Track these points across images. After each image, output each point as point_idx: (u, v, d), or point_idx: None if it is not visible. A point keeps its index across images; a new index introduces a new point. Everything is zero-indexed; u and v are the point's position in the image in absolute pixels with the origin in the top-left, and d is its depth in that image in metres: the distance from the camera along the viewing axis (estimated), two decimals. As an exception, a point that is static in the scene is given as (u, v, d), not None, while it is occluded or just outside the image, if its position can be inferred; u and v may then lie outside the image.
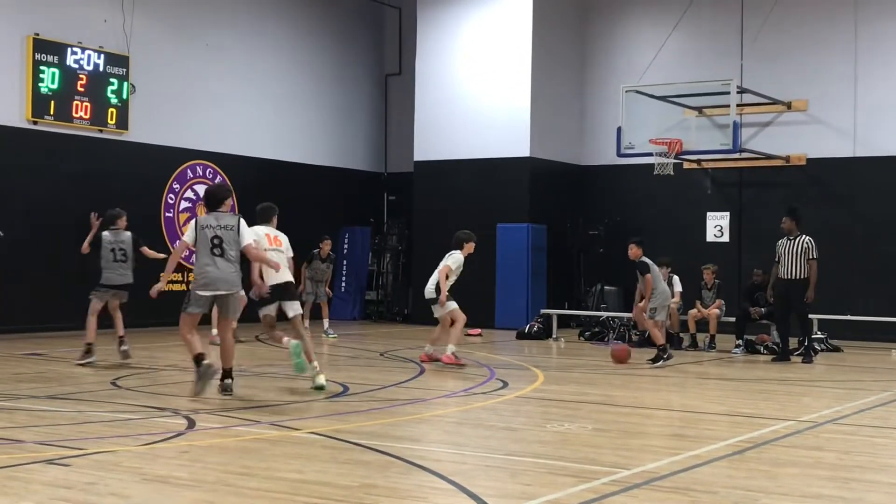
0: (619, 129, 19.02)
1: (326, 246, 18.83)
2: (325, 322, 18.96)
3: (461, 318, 13.92)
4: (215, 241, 10.30)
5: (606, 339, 18.61)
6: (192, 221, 10.61)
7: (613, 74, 22.10)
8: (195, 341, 10.33)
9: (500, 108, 21.83)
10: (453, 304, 13.93)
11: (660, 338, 14.91)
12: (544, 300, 21.28)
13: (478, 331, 19.83)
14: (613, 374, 13.72)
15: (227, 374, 10.47)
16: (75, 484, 6.45)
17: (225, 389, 10.36)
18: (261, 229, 11.28)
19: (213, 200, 10.65)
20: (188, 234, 10.46)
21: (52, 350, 14.53)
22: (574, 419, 9.48)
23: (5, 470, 6.81)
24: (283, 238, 11.53)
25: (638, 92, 19.15)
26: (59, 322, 17.09)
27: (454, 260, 13.91)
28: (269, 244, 11.24)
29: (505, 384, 12.04)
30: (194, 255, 10.45)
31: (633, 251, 15.29)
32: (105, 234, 13.40)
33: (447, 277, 13.84)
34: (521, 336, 19.31)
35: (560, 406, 10.51)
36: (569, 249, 22.25)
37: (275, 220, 11.62)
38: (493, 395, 11.10)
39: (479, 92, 22.10)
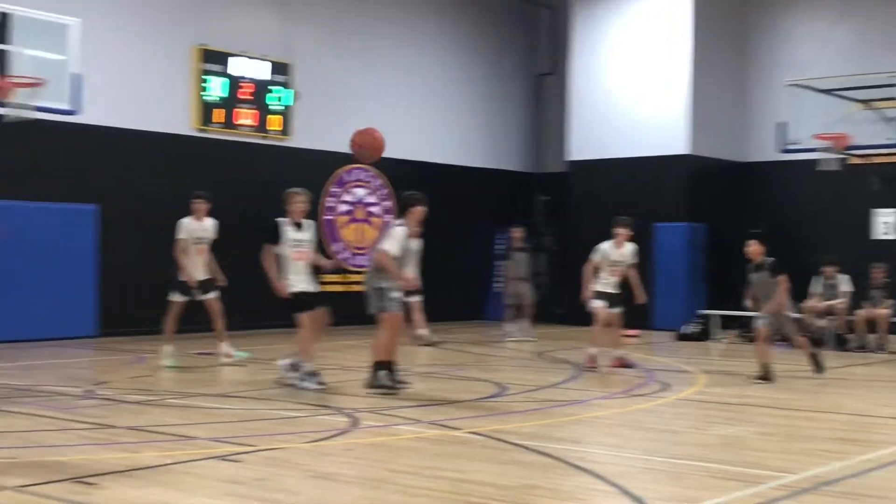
0: (782, 125, 18.53)
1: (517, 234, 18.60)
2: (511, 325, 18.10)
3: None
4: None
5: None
6: (401, 230, 10.87)
7: (776, 68, 21.51)
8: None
9: (657, 106, 21.54)
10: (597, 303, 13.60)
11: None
12: (704, 301, 20.89)
13: (636, 332, 19.60)
14: (777, 376, 13.36)
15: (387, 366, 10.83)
16: (246, 480, 6.68)
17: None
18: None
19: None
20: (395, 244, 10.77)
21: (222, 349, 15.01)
22: (737, 422, 9.29)
23: (179, 465, 7.11)
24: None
25: (802, 86, 18.62)
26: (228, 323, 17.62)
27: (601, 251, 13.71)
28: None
29: (665, 386, 11.88)
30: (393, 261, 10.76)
31: (754, 248, 13.28)
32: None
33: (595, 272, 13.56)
34: (680, 337, 19.02)
35: (722, 409, 10.32)
36: (729, 248, 21.76)
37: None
38: (652, 398, 10.97)
39: (634, 89, 21.85)
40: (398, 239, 10.90)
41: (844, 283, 17.16)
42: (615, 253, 13.73)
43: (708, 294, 21.25)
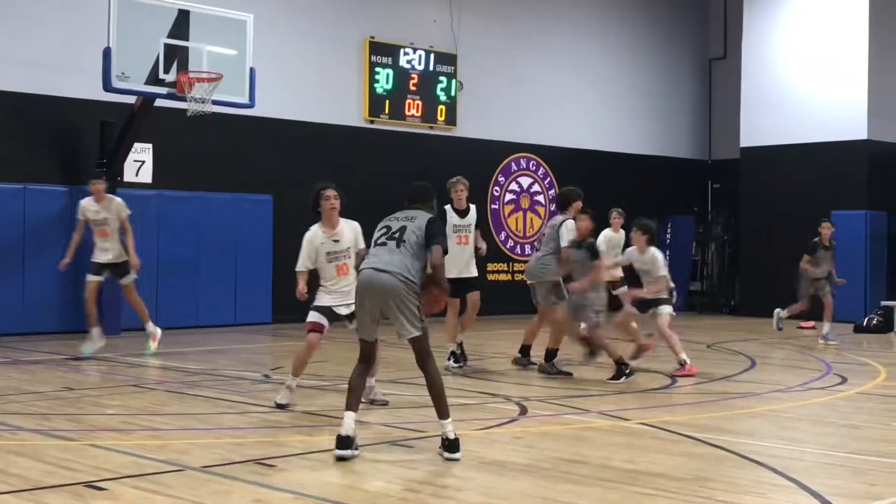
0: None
1: (826, 230, 16.23)
2: (826, 325, 16.19)
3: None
4: None
5: (955, 333, 17.29)
6: (571, 223, 11.18)
7: (961, 48, 20.46)
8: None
9: (833, 90, 20.77)
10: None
11: None
12: (885, 291, 20.04)
13: (811, 323, 18.99)
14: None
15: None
16: (419, 465, 6.78)
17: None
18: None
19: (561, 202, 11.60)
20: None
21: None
22: (922, 418, 8.90)
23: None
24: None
25: None
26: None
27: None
28: None
29: (843, 380, 11.47)
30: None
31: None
32: None
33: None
34: (859, 329, 18.32)
35: (906, 404, 9.91)
36: (911, 237, 20.85)
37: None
38: (831, 391, 10.61)
39: (809, 74, 21.13)
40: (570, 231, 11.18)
41: None
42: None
43: (889, 285, 20.39)
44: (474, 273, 11.78)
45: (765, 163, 21.68)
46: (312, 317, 8.98)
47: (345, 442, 6.87)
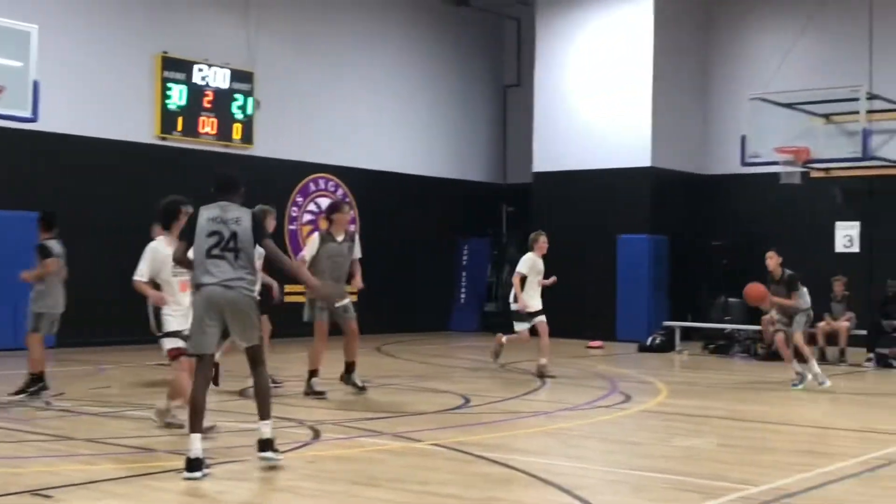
0: (743, 138, 18.63)
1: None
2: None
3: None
4: None
5: (731, 352, 18.23)
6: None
7: (737, 82, 21.67)
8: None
9: (620, 118, 21.63)
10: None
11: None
12: (667, 312, 20.96)
13: (599, 343, 19.67)
14: (739, 389, 13.44)
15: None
16: (206, 493, 6.60)
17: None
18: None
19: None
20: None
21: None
22: (699, 434, 9.32)
23: (139, 479, 7.01)
24: None
25: (763, 100, 18.75)
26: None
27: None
28: None
29: (628, 398, 11.89)
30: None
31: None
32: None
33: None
34: (643, 349, 19.07)
35: (684, 420, 10.35)
36: (691, 261, 21.89)
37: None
38: (615, 409, 10.98)
39: (599, 102, 21.94)
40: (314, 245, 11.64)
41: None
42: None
43: (671, 305, 21.33)
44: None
45: (556, 187, 22.34)
46: (173, 343, 8.60)
47: (194, 464, 6.82)
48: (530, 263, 14.08)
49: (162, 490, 6.67)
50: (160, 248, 8.73)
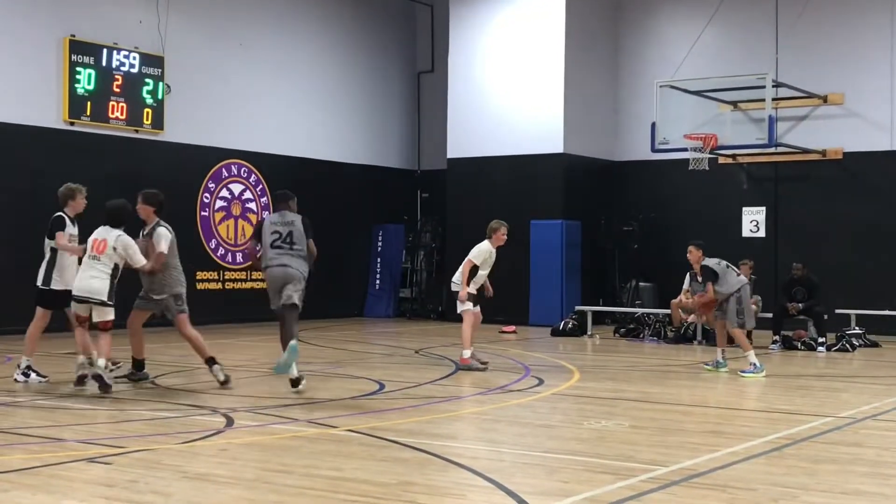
0: (653, 125, 18.95)
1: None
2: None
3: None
4: None
5: (642, 335, 18.54)
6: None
7: (647, 69, 22.00)
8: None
9: (532, 105, 21.80)
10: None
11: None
12: (579, 297, 21.22)
13: (512, 328, 19.85)
14: (649, 372, 13.69)
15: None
16: (117, 482, 6.52)
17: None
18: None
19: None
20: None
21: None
22: (611, 416, 9.46)
23: (48, 468, 6.90)
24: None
25: (672, 87, 19.08)
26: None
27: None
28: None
29: (540, 381, 12.03)
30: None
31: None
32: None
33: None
34: (556, 333, 19.29)
35: (596, 403, 10.50)
36: (603, 246, 22.19)
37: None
38: (528, 393, 11.10)
39: (511, 88, 22.07)
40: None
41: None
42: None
43: (583, 290, 21.60)
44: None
45: (470, 173, 22.45)
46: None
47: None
48: (486, 255, 13.17)
49: (73, 480, 6.58)
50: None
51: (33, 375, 11.21)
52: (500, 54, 22.30)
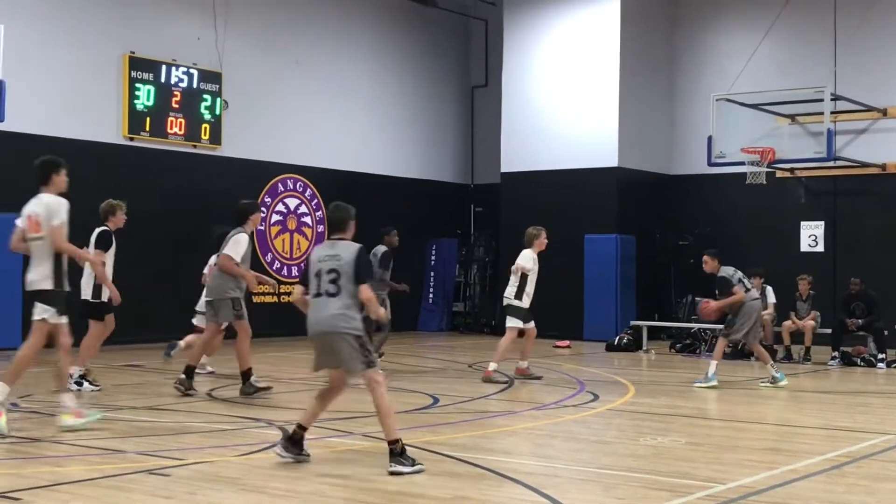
0: (709, 138, 18.81)
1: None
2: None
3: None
4: None
5: (698, 351, 18.38)
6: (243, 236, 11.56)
7: (703, 82, 21.86)
8: None
9: (587, 119, 21.74)
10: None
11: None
12: (634, 312, 21.09)
13: (566, 342, 19.76)
14: (706, 388, 13.55)
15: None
16: (176, 493, 6.59)
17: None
18: None
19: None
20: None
21: (151, 362, 14.85)
22: (667, 433, 9.39)
23: (108, 479, 6.99)
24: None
25: (729, 100, 18.92)
26: (154, 335, 17.43)
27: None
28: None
29: (595, 397, 11.97)
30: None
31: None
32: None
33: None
34: (611, 348, 19.17)
35: (652, 419, 10.42)
36: (658, 260, 22.04)
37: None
38: (583, 408, 11.05)
39: (566, 102, 22.03)
40: (240, 244, 11.43)
41: (770, 295, 17.45)
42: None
43: (638, 305, 21.46)
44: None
45: (524, 188, 22.42)
46: None
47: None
48: (531, 262, 13.48)
49: (131, 491, 6.65)
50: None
51: (86, 384, 11.49)
52: (554, 68, 22.27)
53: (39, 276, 8.97)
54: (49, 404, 10.53)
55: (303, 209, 21.62)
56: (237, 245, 11.36)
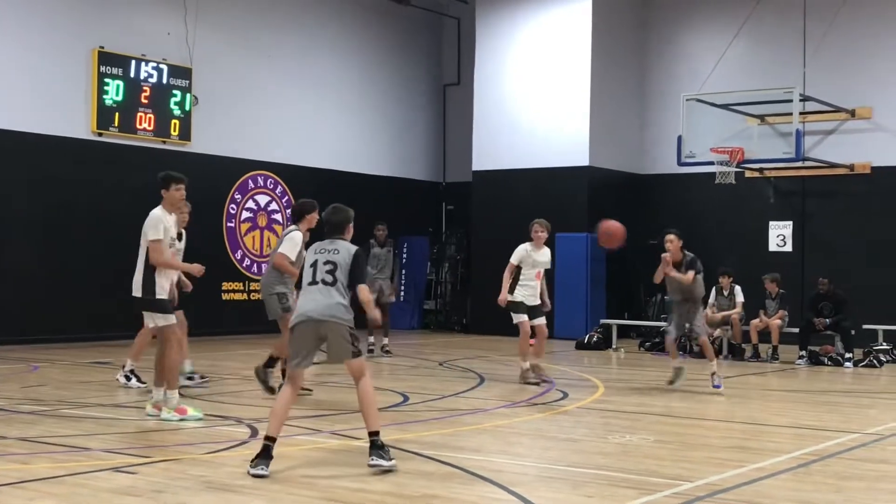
0: (679, 138, 18.89)
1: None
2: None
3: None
4: None
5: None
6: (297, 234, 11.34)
7: (674, 82, 21.95)
8: None
9: (558, 118, 21.78)
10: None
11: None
12: (604, 310, 21.15)
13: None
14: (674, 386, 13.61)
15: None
16: (142, 492, 6.55)
17: None
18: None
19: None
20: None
21: (117, 359, 14.73)
22: (635, 431, 9.42)
23: (74, 477, 6.94)
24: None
25: (699, 100, 19.02)
26: (120, 332, 17.32)
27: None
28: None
29: (565, 395, 12.00)
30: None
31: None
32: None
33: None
34: (581, 346, 19.23)
35: (621, 417, 10.45)
36: (628, 259, 22.10)
37: None
38: (553, 406, 11.07)
39: (537, 101, 22.07)
40: (295, 243, 11.14)
41: (739, 294, 17.55)
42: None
43: (608, 304, 21.52)
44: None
45: (495, 186, 22.44)
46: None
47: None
48: (522, 254, 13.16)
49: (98, 489, 6.60)
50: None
51: (134, 380, 11.67)
52: (526, 67, 22.30)
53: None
54: (13, 401, 10.43)
55: (273, 206, 21.53)
56: (292, 243, 11.19)
